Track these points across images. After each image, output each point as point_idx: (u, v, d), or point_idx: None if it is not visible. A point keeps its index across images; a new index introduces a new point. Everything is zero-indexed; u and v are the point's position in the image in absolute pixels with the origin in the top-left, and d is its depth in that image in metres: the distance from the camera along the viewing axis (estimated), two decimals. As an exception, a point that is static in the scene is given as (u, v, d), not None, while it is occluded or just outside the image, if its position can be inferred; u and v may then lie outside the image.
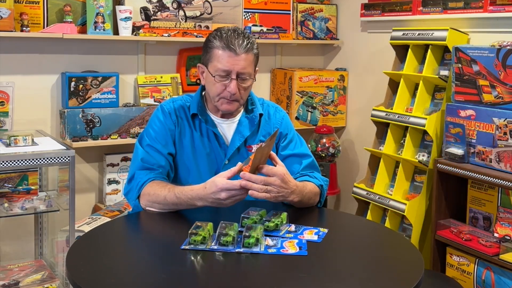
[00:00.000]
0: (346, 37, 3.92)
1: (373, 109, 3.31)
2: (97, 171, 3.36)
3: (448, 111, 2.83)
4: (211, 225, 1.71)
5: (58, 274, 2.93)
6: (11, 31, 2.88)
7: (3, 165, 2.55)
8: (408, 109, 3.18)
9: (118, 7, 3.17)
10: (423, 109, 3.10)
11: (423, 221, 3.07)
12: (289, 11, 3.81)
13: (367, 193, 3.28)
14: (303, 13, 3.85)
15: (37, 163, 2.60)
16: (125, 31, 3.19)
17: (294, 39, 3.82)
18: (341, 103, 3.90)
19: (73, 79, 3.12)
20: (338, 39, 3.95)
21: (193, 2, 3.46)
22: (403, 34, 3.19)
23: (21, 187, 2.89)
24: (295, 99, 3.74)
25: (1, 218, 2.82)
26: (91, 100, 3.17)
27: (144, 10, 3.31)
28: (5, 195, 2.84)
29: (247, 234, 1.66)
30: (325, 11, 3.92)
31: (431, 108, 3.11)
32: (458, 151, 2.76)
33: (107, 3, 3.11)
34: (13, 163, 2.56)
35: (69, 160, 2.66)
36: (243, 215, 1.80)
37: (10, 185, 2.87)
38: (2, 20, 2.84)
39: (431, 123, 2.96)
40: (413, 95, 3.22)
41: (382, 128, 3.37)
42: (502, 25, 2.88)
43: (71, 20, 3.07)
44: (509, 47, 2.59)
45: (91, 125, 3.15)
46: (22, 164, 2.58)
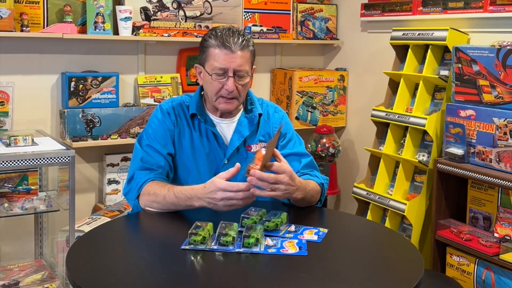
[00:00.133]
0: (346, 37, 3.92)
1: (373, 109, 3.30)
2: (97, 171, 3.36)
3: (448, 111, 2.83)
4: (211, 225, 1.71)
5: (58, 274, 2.93)
6: (11, 31, 2.88)
7: (3, 165, 2.55)
8: (408, 109, 3.18)
9: (118, 7, 3.17)
10: (423, 109, 3.10)
11: (423, 221, 3.07)
12: (289, 11, 3.81)
13: (367, 193, 3.28)
14: (303, 13, 3.85)
15: (37, 163, 2.60)
16: (125, 31, 3.19)
17: (294, 39, 3.82)
18: (341, 103, 3.90)
19: (73, 79, 3.12)
20: (338, 39, 3.95)
21: (193, 2, 3.45)
22: (403, 34, 3.19)
23: (21, 187, 2.89)
24: (295, 99, 3.74)
25: (1, 218, 2.82)
26: (91, 100, 3.17)
27: (144, 10, 3.31)
28: (5, 195, 2.84)
29: (247, 234, 1.66)
30: (325, 11, 3.92)
31: (431, 108, 3.11)
32: (458, 151, 2.76)
33: (107, 3, 3.11)
34: (13, 163, 2.56)
35: (69, 160, 2.66)
36: (243, 215, 1.80)
37: (10, 185, 2.87)
38: (2, 20, 2.84)
39: (431, 123, 2.96)
40: (413, 95, 3.22)
41: (382, 128, 3.37)
42: (502, 25, 2.88)
43: (71, 20, 3.07)
44: (509, 47, 2.59)
45: (91, 125, 3.15)
46: (22, 164, 2.58)
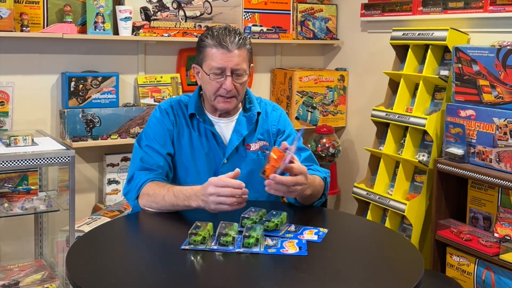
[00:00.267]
0: (346, 37, 3.92)
1: (373, 109, 3.30)
2: (97, 171, 3.36)
3: (448, 111, 2.83)
4: (211, 225, 1.71)
5: (58, 274, 2.93)
6: (11, 31, 2.88)
7: (3, 165, 2.55)
8: (408, 109, 3.18)
9: (118, 7, 3.16)
10: (423, 109, 3.10)
11: (423, 221, 3.07)
12: (289, 11, 3.81)
13: (367, 193, 3.28)
14: (303, 13, 3.85)
15: (37, 163, 2.60)
16: (125, 31, 3.19)
17: (294, 39, 3.82)
18: (341, 103, 3.90)
19: (73, 79, 3.12)
20: (338, 39, 3.95)
21: (193, 2, 3.45)
22: (403, 34, 3.19)
23: (21, 187, 2.89)
24: (295, 99, 3.74)
25: (1, 218, 2.82)
26: (91, 100, 3.17)
27: (144, 10, 3.31)
28: (5, 195, 2.84)
29: (247, 234, 1.66)
30: (325, 11, 3.92)
31: (431, 108, 3.11)
32: (458, 151, 2.76)
33: (107, 3, 3.11)
34: (13, 163, 2.56)
35: (69, 160, 2.66)
36: (243, 215, 1.80)
37: (10, 185, 2.87)
38: (2, 20, 2.84)
39: (431, 123, 2.96)
40: (413, 95, 3.21)
41: (382, 128, 3.37)
42: (502, 25, 2.88)
43: (71, 20, 3.07)
44: (509, 47, 2.59)
45: (91, 125, 3.15)
46: (22, 164, 2.58)
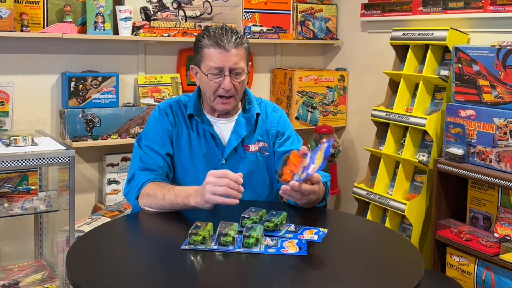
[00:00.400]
0: (346, 37, 3.92)
1: (373, 109, 3.30)
2: (97, 171, 3.36)
3: (448, 111, 2.83)
4: (211, 225, 1.71)
5: (58, 274, 2.93)
6: (11, 31, 2.88)
7: (3, 165, 2.55)
8: (408, 109, 3.18)
9: (118, 7, 3.16)
10: (423, 109, 3.09)
11: (423, 221, 3.07)
12: (289, 11, 3.81)
13: (367, 193, 3.28)
14: (303, 13, 3.85)
15: (37, 163, 2.60)
16: (125, 31, 3.19)
17: (294, 39, 3.82)
18: (341, 103, 3.90)
19: (73, 79, 3.12)
20: (338, 39, 3.95)
21: (193, 2, 3.45)
22: (403, 34, 3.19)
23: (21, 187, 2.89)
24: (295, 99, 3.74)
25: (1, 218, 2.82)
26: (91, 100, 3.17)
27: (144, 10, 3.31)
28: (5, 195, 2.84)
29: (247, 234, 1.66)
30: (325, 11, 3.92)
31: (431, 108, 3.10)
32: (458, 151, 2.76)
33: (107, 3, 3.11)
34: (13, 163, 2.56)
35: (69, 160, 2.66)
36: (243, 215, 1.80)
37: (10, 185, 2.87)
38: (2, 20, 2.84)
39: (431, 123, 2.96)
40: (413, 95, 3.21)
41: (382, 128, 3.37)
42: (502, 25, 2.88)
43: (71, 20, 3.07)
44: (509, 47, 2.59)
45: (91, 125, 3.15)
46: (22, 164, 2.58)
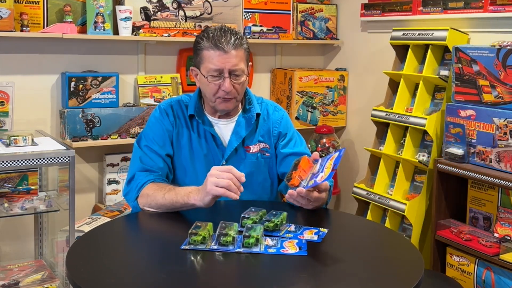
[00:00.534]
0: (346, 37, 3.92)
1: (373, 109, 3.30)
2: (97, 171, 3.36)
3: (448, 111, 2.83)
4: (211, 225, 1.71)
5: (58, 274, 2.92)
6: (11, 31, 2.88)
7: (3, 165, 2.55)
8: (408, 109, 3.18)
9: (118, 7, 3.16)
10: (423, 109, 3.09)
11: (423, 221, 3.07)
12: (289, 11, 3.81)
13: (367, 193, 3.28)
14: (303, 13, 3.85)
15: (37, 163, 2.60)
16: (125, 31, 3.18)
17: (294, 39, 3.82)
18: (341, 103, 3.90)
19: (73, 79, 3.12)
20: (338, 39, 3.95)
21: (193, 2, 3.45)
22: (403, 34, 3.19)
23: (21, 187, 2.89)
24: (295, 99, 3.74)
25: (1, 218, 2.82)
26: (91, 100, 3.17)
27: (144, 10, 3.31)
28: (5, 195, 2.84)
29: (247, 234, 1.66)
30: (325, 11, 3.92)
31: (431, 108, 3.10)
32: (458, 151, 2.76)
33: (107, 3, 3.11)
34: (13, 163, 2.56)
35: (69, 160, 2.66)
36: (243, 215, 1.80)
37: (10, 185, 2.87)
38: (2, 20, 2.84)
39: (431, 123, 2.96)
40: (413, 95, 3.21)
41: (382, 128, 3.37)
42: (502, 25, 2.88)
43: (71, 20, 3.07)
44: (509, 47, 2.59)
45: (91, 125, 3.15)
46: (22, 164, 2.58)
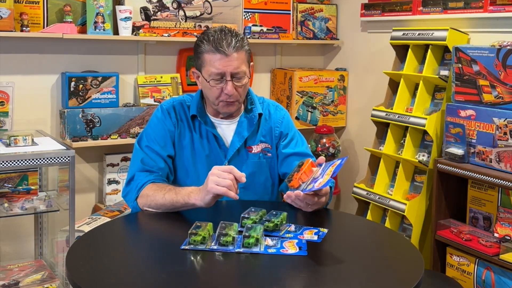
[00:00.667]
0: (346, 37, 3.92)
1: (373, 109, 3.30)
2: (97, 171, 3.36)
3: (448, 111, 2.83)
4: (211, 225, 1.71)
5: (58, 274, 2.92)
6: (11, 31, 2.88)
7: (3, 165, 2.55)
8: (408, 109, 3.18)
9: (118, 7, 3.16)
10: (423, 109, 3.09)
11: (423, 221, 3.07)
12: (289, 11, 3.81)
13: (367, 193, 3.28)
14: (303, 13, 3.85)
15: (37, 163, 2.60)
16: (125, 31, 3.18)
17: (294, 39, 3.82)
18: (341, 103, 3.90)
19: (73, 79, 3.12)
20: (338, 39, 3.95)
21: (193, 2, 3.45)
22: (403, 34, 3.19)
23: (21, 187, 2.89)
24: (295, 99, 3.74)
25: (1, 218, 2.82)
26: (91, 100, 3.17)
27: (144, 10, 3.31)
28: (5, 195, 2.84)
29: (247, 234, 1.66)
30: (325, 11, 3.92)
31: (431, 108, 3.10)
32: (458, 151, 2.76)
33: (107, 3, 3.11)
34: (13, 163, 2.56)
35: (69, 160, 2.66)
36: (243, 215, 1.80)
37: (10, 185, 2.87)
38: (2, 20, 2.84)
39: (431, 123, 2.96)
40: (413, 95, 3.21)
41: (382, 128, 3.37)
42: (502, 25, 2.88)
43: (71, 20, 3.07)
44: (509, 47, 2.59)
45: (91, 125, 3.15)
46: (22, 164, 2.58)
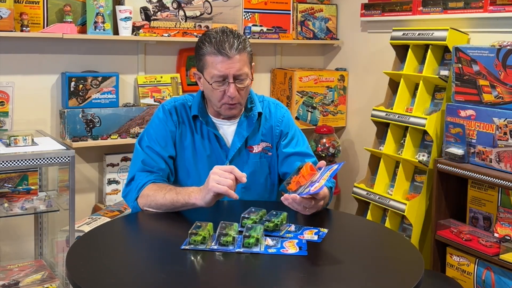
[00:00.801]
0: (346, 37, 3.92)
1: (373, 109, 3.30)
2: (97, 171, 3.36)
3: (448, 111, 2.83)
4: (211, 225, 1.71)
5: (58, 274, 2.93)
6: (11, 31, 2.88)
7: (3, 165, 2.55)
8: (408, 109, 3.18)
9: (118, 7, 3.16)
10: (423, 109, 3.09)
11: (423, 221, 3.07)
12: (289, 11, 3.81)
13: (367, 193, 3.28)
14: (303, 13, 3.85)
15: (37, 163, 2.60)
16: (125, 31, 3.18)
17: (294, 39, 3.82)
18: (341, 103, 3.90)
19: (73, 79, 3.12)
20: (338, 39, 3.95)
21: (193, 2, 3.45)
22: (403, 34, 3.19)
23: (21, 187, 2.89)
24: (295, 99, 3.74)
25: (1, 218, 2.82)
26: (91, 100, 3.17)
27: (144, 10, 3.31)
28: (5, 195, 2.84)
29: (247, 234, 1.66)
30: (325, 11, 3.92)
31: (431, 108, 3.11)
32: (458, 151, 2.76)
33: (107, 3, 3.11)
34: (13, 163, 2.56)
35: (69, 160, 2.66)
36: (243, 215, 1.80)
37: (10, 185, 2.87)
38: (2, 20, 2.84)
39: (431, 123, 2.96)
40: (413, 95, 3.21)
41: (382, 128, 3.37)
42: (502, 25, 2.88)
43: (71, 20, 3.07)
44: (509, 47, 2.59)
45: (91, 125, 3.15)
46: (22, 164, 2.58)
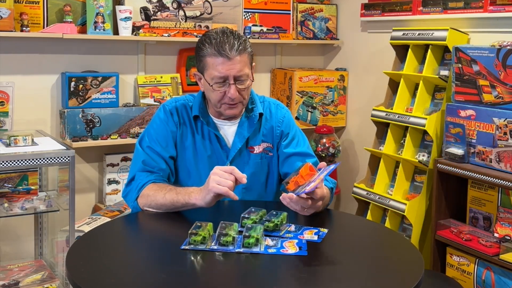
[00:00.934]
0: (346, 37, 3.92)
1: (373, 109, 3.30)
2: (97, 171, 3.36)
3: (448, 111, 2.83)
4: (211, 225, 1.71)
5: (58, 274, 2.93)
6: (11, 31, 2.88)
7: (3, 165, 2.55)
8: (408, 109, 3.18)
9: (118, 7, 3.16)
10: (423, 109, 3.10)
11: (423, 221, 3.07)
12: (289, 11, 3.81)
13: (367, 193, 3.28)
14: (303, 13, 3.85)
15: (37, 163, 2.60)
16: (125, 31, 3.19)
17: (294, 39, 3.82)
18: (341, 103, 3.90)
19: (73, 79, 3.12)
20: (338, 39, 3.95)
21: (193, 2, 3.45)
22: (403, 34, 3.19)
23: (21, 187, 2.89)
24: (295, 99, 3.74)
25: (1, 218, 2.82)
26: (91, 100, 3.17)
27: (144, 10, 3.31)
28: (5, 195, 2.84)
29: (247, 234, 1.66)
30: (325, 11, 3.92)
31: (431, 108, 3.11)
32: (458, 151, 2.76)
33: (107, 3, 3.11)
34: (13, 163, 2.56)
35: (69, 160, 2.66)
36: (243, 215, 1.80)
37: (10, 185, 2.87)
38: (2, 20, 2.84)
39: (431, 123, 2.96)
40: (413, 95, 3.21)
41: (382, 128, 3.37)
42: (502, 25, 2.88)
43: (71, 20, 3.07)
44: (509, 47, 2.59)
45: (91, 125, 3.15)
46: (22, 164, 2.58)
